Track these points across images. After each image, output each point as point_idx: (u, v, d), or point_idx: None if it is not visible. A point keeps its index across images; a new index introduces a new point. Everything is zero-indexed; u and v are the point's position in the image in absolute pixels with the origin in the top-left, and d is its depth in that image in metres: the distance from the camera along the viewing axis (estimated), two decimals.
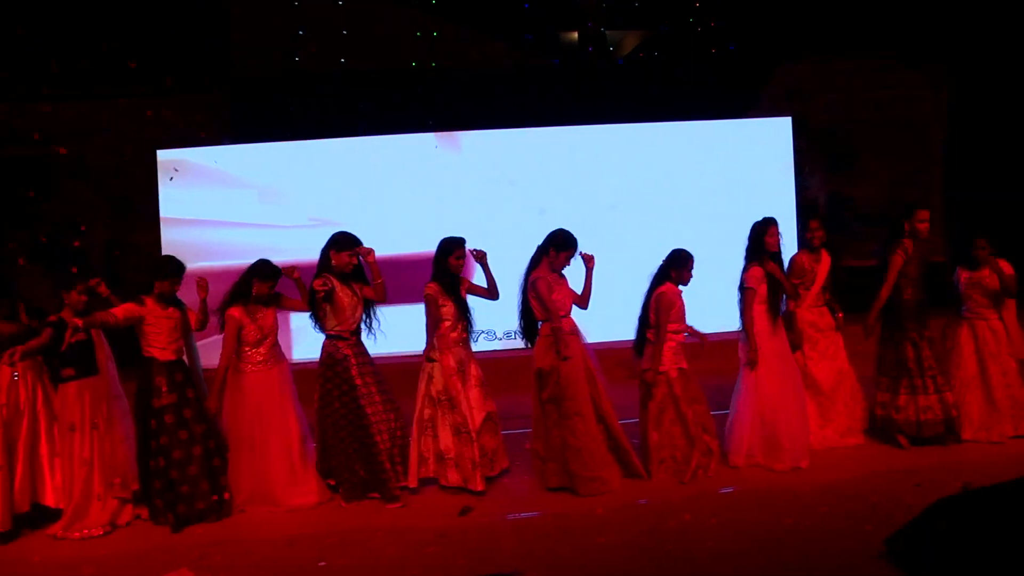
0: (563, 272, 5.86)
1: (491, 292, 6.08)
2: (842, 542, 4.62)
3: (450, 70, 11.79)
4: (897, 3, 11.83)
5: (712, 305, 7.09)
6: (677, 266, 5.86)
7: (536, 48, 13.62)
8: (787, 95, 12.04)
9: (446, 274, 5.85)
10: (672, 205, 10.58)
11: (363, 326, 5.96)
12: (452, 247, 5.86)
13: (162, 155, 11.06)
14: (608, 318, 7.00)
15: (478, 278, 6.13)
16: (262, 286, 5.81)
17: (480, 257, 5.93)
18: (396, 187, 10.44)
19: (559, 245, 5.73)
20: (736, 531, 4.89)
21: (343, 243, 5.80)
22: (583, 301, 5.89)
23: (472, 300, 6.05)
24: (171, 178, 10.79)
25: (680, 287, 5.88)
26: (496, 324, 9.71)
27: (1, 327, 5.71)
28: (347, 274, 5.83)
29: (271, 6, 12.09)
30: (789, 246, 6.60)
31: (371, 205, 10.28)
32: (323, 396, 5.79)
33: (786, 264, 6.30)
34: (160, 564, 4.98)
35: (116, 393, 5.88)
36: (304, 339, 6.17)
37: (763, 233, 6.05)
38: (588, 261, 5.86)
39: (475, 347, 6.24)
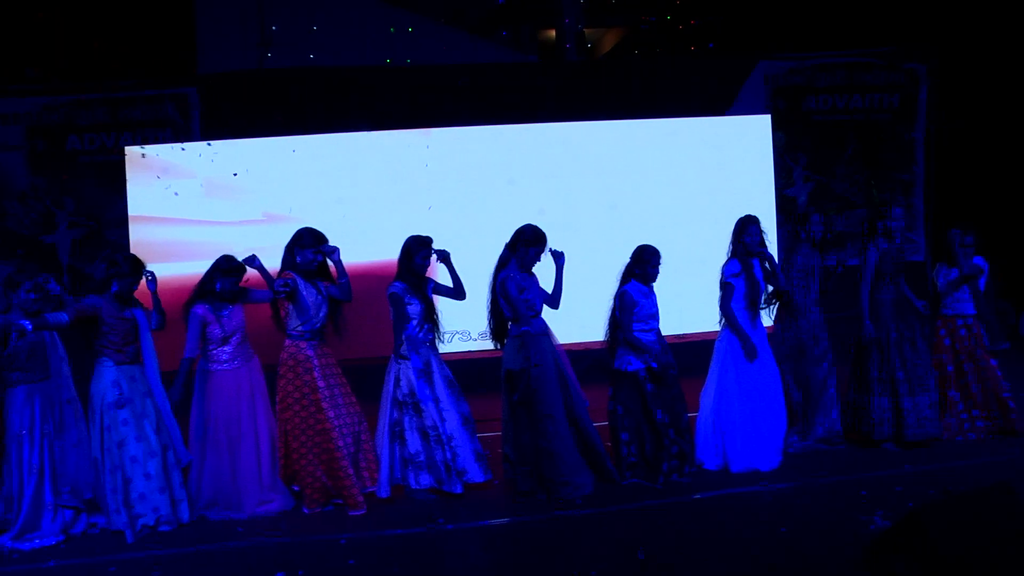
0: (533, 270, 5.68)
1: (457, 292, 5.88)
2: (818, 550, 4.47)
3: (425, 67, 11.66)
4: (876, 2, 11.81)
5: (691, 304, 6.96)
6: (642, 263, 5.70)
7: (513, 45, 13.56)
8: (766, 93, 11.94)
9: (412, 274, 5.66)
10: (649, 203, 10.42)
11: (331, 326, 5.77)
12: (418, 246, 5.67)
13: (129, 151, 10.85)
14: (586, 318, 6.85)
15: (443, 278, 5.95)
16: (226, 281, 5.61)
17: (444, 257, 5.74)
18: (366, 185, 10.25)
19: (528, 241, 5.55)
20: (709, 538, 4.74)
21: (307, 239, 5.61)
22: (554, 301, 5.71)
23: (442, 301, 5.87)
24: (158, 176, 10.49)
25: (646, 285, 5.72)
26: (471, 324, 9.54)
27: None
28: (312, 272, 5.63)
29: (239, 3, 11.95)
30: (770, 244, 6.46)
31: (340, 204, 10.07)
32: (284, 399, 5.58)
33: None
34: (112, 575, 4.80)
35: (69, 397, 5.66)
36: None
37: (742, 232, 5.92)
38: (558, 258, 5.70)
39: (450, 348, 6.06)
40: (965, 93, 11.60)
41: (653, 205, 10.36)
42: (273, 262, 5.85)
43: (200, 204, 10.44)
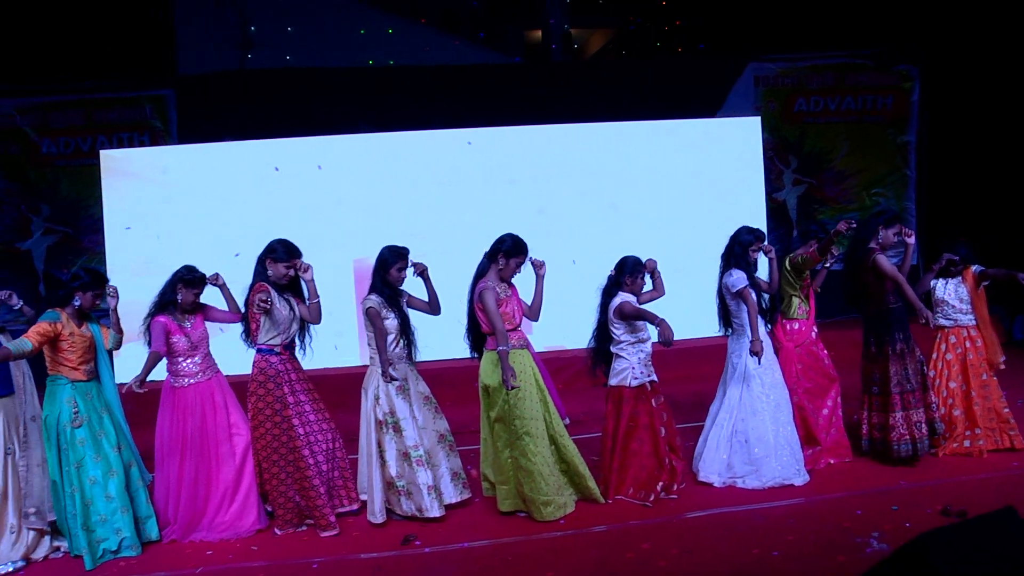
0: (512, 281, 5.45)
1: (432, 307, 5.60)
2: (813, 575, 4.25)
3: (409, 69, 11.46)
4: (868, 3, 11.70)
5: (685, 309, 6.75)
6: (629, 275, 5.50)
7: (497, 46, 13.38)
8: (757, 94, 11.79)
9: (387, 286, 5.41)
10: (637, 207, 10.25)
11: (296, 341, 5.54)
12: (394, 258, 5.41)
13: (105, 155, 10.61)
14: (568, 325, 6.64)
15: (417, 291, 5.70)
16: (187, 293, 5.38)
17: (422, 271, 5.47)
18: (346, 188, 10.04)
19: (508, 252, 5.30)
20: (696, 563, 4.50)
21: (280, 253, 5.36)
22: (533, 312, 5.49)
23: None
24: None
25: (632, 296, 5.51)
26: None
27: None
28: (283, 285, 5.40)
29: (218, 5, 11.78)
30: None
31: (315, 208, 9.86)
32: (255, 415, 5.34)
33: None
34: None
35: (34, 414, 5.38)
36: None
37: (748, 246, 5.71)
38: (539, 268, 5.48)
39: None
40: (958, 94, 11.46)
41: (642, 209, 10.18)
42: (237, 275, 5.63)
43: (178, 210, 10.22)
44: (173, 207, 10.20)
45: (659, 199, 10.31)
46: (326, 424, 5.44)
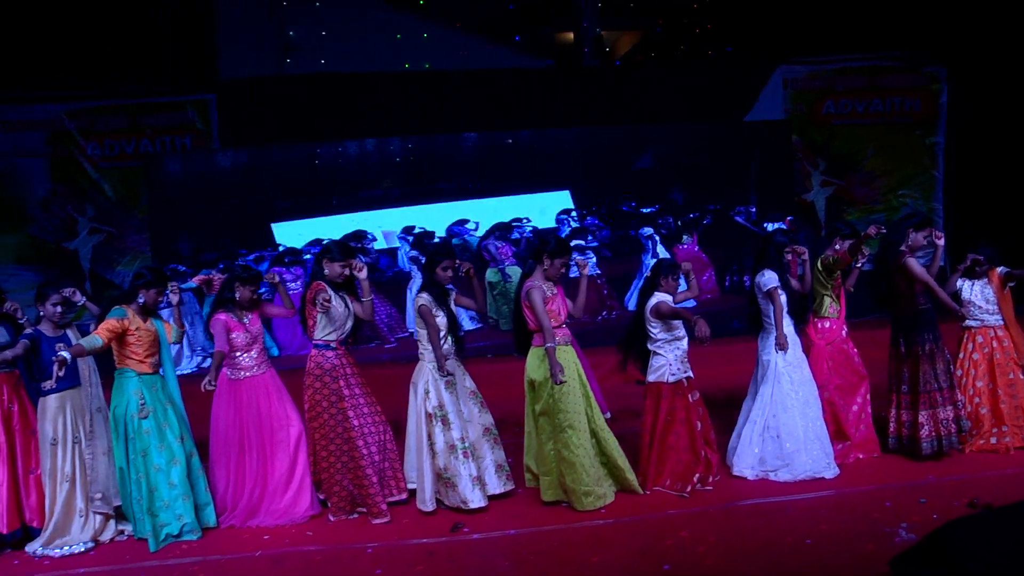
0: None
1: (479, 304, 5.96)
2: (843, 562, 4.47)
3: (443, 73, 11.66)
4: (896, 5, 11.76)
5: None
6: (665, 276, 5.73)
7: (530, 50, 13.55)
8: (785, 97, 11.92)
9: (435, 284, 5.69)
10: (669, 208, 10.50)
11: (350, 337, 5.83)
12: (439, 257, 5.71)
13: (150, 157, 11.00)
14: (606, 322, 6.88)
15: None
16: (244, 290, 5.68)
17: (468, 272, 5.77)
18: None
19: (552, 252, 5.56)
20: (735, 549, 4.73)
21: (335, 253, 5.66)
22: (578, 310, 5.75)
23: None
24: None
25: (668, 296, 5.74)
26: None
27: None
28: (338, 284, 5.68)
29: (258, 10, 12.02)
30: None
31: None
32: (312, 407, 5.63)
33: None
34: None
35: (99, 405, 5.72)
36: None
37: (782, 247, 5.93)
38: (582, 268, 5.75)
39: None
40: (985, 95, 11.52)
41: (673, 210, 10.45)
42: None
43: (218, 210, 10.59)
44: (217, 207, 10.57)
45: (689, 200, 10.56)
46: (378, 416, 5.71)
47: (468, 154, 10.55)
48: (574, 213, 10.64)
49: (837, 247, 6.12)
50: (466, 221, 10.50)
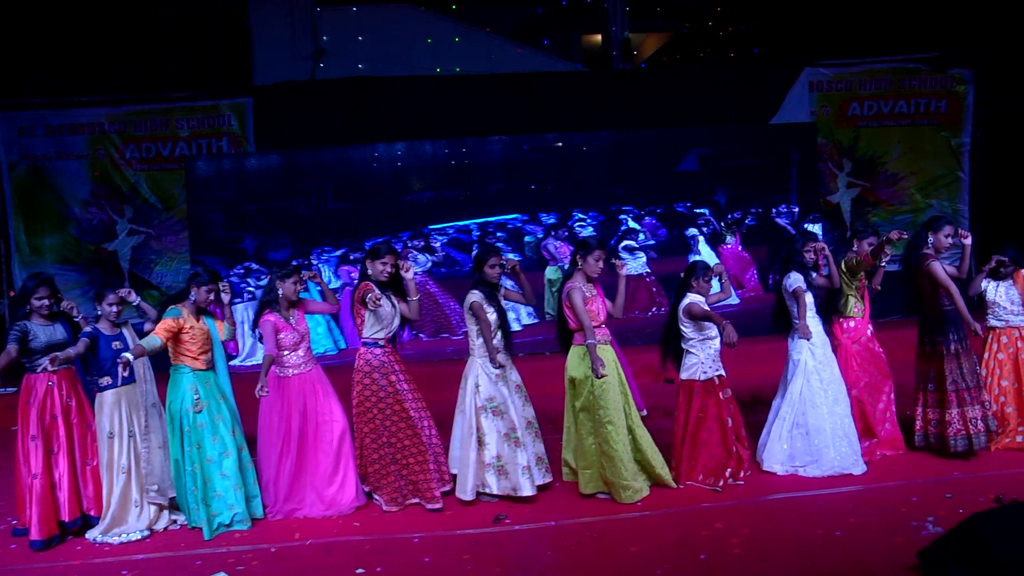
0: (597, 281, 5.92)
1: (527, 298, 6.19)
2: (873, 554, 4.63)
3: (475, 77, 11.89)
4: (922, 7, 11.83)
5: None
6: (697, 278, 5.91)
7: (558, 53, 13.74)
8: (811, 99, 12.03)
9: (484, 283, 5.92)
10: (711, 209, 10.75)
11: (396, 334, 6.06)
12: (486, 256, 5.94)
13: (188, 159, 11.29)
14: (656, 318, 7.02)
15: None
16: (287, 286, 5.89)
17: (513, 268, 6.01)
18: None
19: (585, 250, 5.79)
20: (766, 540, 4.92)
21: (378, 252, 5.89)
22: (617, 310, 5.96)
23: None
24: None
25: (700, 297, 5.92)
26: None
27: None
28: (384, 283, 5.90)
29: (291, 15, 12.27)
30: None
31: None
32: (361, 402, 5.86)
33: None
34: (198, 568, 5.08)
35: (154, 400, 5.96)
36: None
37: (803, 248, 6.11)
38: (620, 268, 5.96)
39: None
40: (1012, 97, 11.58)
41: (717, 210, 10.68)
42: None
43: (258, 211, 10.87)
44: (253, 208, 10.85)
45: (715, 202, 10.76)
46: (424, 412, 5.94)
47: (501, 158, 10.79)
48: (632, 212, 10.95)
49: (857, 248, 6.30)
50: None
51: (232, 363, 6.74)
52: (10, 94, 11.58)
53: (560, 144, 10.75)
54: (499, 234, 10.61)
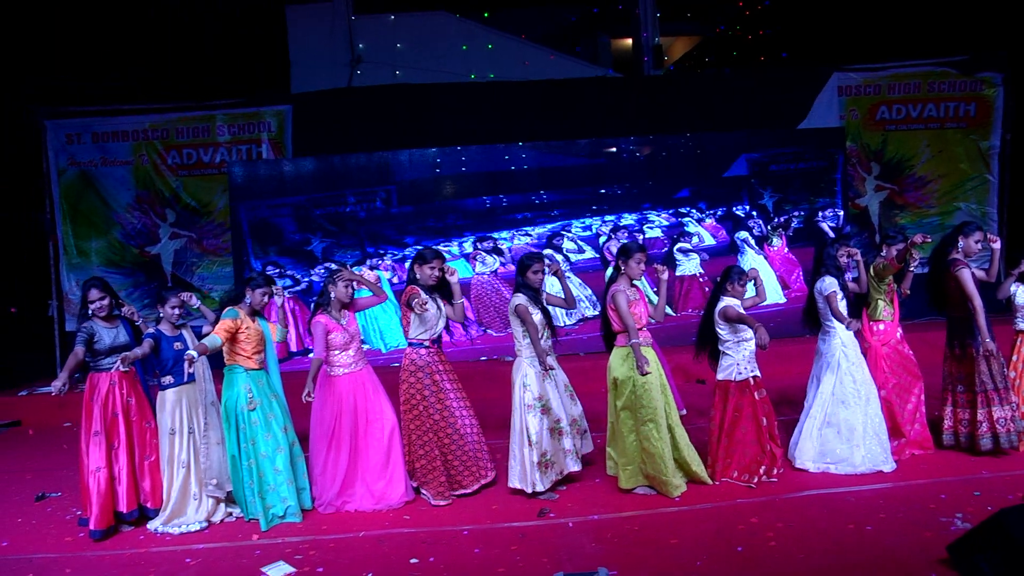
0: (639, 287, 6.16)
1: (568, 302, 6.46)
2: (903, 548, 4.81)
3: (509, 84, 12.13)
4: (951, 11, 11.89)
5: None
6: (732, 282, 6.13)
7: (589, 58, 13.92)
8: (840, 103, 12.14)
9: (528, 287, 6.16)
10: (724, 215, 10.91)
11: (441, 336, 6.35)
12: (530, 261, 6.18)
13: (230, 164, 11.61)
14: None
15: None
16: (339, 289, 6.15)
17: (556, 270, 6.27)
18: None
19: (626, 254, 6.04)
20: (800, 534, 5.11)
21: (425, 258, 6.15)
22: (659, 314, 6.20)
23: None
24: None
25: (736, 300, 6.13)
26: None
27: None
28: (431, 286, 6.16)
29: (329, 23, 12.56)
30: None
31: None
32: (407, 400, 6.11)
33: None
34: (256, 558, 5.33)
35: (212, 399, 6.25)
36: None
37: (837, 252, 6.30)
38: (661, 273, 6.19)
39: None
40: None
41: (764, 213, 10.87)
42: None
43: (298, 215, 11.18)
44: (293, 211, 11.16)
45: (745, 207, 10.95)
46: (467, 411, 6.21)
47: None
48: (693, 215, 11.19)
49: (885, 253, 6.48)
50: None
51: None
52: (59, 102, 11.97)
53: (613, 149, 11.04)
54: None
